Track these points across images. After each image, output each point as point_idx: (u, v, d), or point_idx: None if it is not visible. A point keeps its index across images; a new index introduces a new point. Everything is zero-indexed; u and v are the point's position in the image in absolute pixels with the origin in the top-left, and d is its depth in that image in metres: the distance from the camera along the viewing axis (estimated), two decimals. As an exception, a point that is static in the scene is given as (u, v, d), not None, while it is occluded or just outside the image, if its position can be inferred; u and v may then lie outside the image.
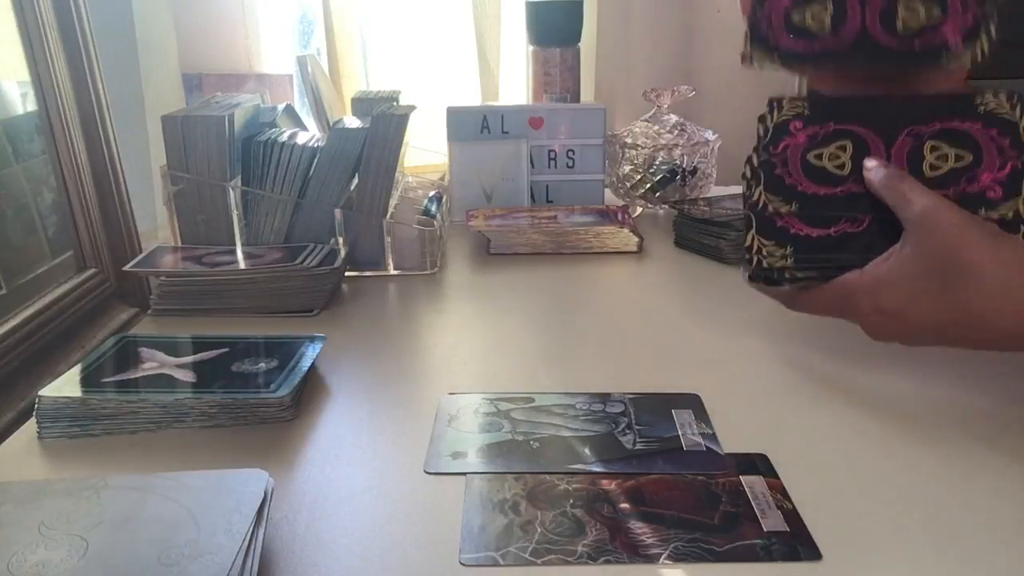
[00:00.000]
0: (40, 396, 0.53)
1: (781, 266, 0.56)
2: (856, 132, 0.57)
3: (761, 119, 0.60)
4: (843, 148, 0.57)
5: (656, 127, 1.06)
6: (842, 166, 0.56)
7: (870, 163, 0.55)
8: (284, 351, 0.61)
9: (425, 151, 1.22)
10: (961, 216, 0.50)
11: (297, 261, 0.77)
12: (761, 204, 0.57)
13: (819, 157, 0.57)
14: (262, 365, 0.59)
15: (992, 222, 0.53)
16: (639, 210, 1.09)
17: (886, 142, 0.56)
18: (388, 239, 0.85)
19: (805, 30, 0.57)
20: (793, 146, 0.57)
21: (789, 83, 1.31)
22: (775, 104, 0.59)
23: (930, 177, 0.55)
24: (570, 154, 1.05)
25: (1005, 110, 0.56)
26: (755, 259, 0.57)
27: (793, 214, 0.56)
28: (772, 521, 0.44)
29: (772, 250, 0.56)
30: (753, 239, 0.57)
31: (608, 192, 1.08)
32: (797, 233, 0.56)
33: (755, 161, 0.58)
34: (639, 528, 0.43)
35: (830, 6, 0.57)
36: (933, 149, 0.56)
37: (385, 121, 0.83)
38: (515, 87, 1.40)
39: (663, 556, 0.41)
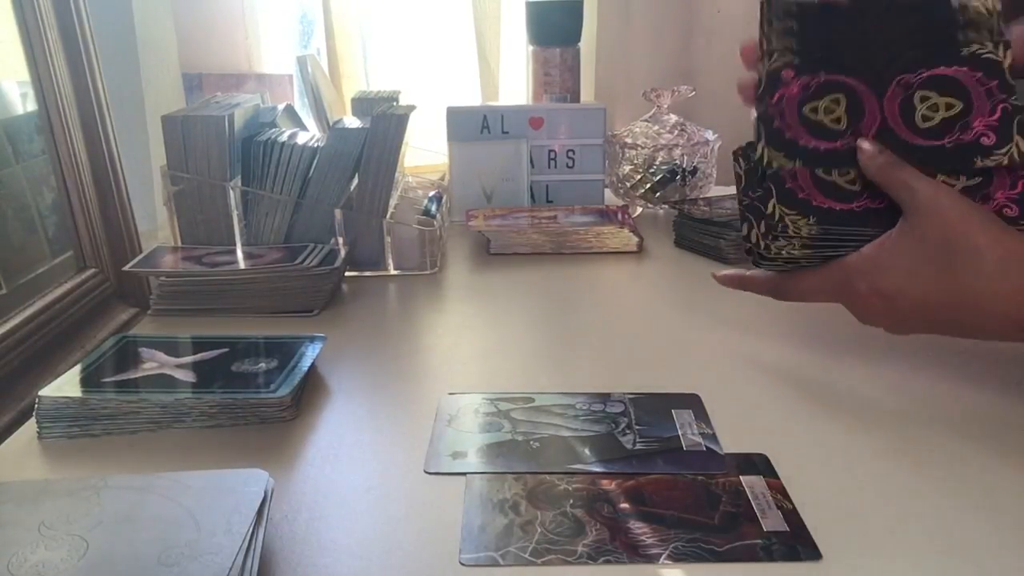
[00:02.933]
0: (40, 396, 0.53)
1: (802, 234, 0.55)
2: (847, 84, 0.56)
3: (736, 160, 0.60)
4: (836, 101, 0.56)
5: (656, 127, 1.06)
6: (838, 119, 0.56)
7: (865, 146, 0.55)
8: (284, 351, 0.61)
9: (425, 151, 1.22)
10: (964, 202, 0.51)
11: (297, 261, 0.77)
12: (766, 161, 0.56)
13: (815, 111, 0.56)
14: (262, 365, 0.59)
15: (989, 169, 0.53)
16: (639, 210, 1.09)
17: (877, 94, 0.56)
18: (388, 239, 0.85)
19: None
20: (788, 97, 0.56)
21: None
22: (764, 54, 0.58)
23: (923, 128, 0.55)
24: (570, 154, 1.05)
25: (988, 50, 0.55)
26: (764, 226, 0.56)
27: (799, 170, 0.56)
28: (772, 521, 0.44)
29: (795, 219, 0.56)
30: (775, 208, 0.56)
31: (608, 192, 1.08)
32: (820, 205, 0.56)
33: (749, 197, 0.58)
34: (639, 528, 0.43)
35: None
36: (923, 100, 0.55)
37: (385, 121, 0.83)
38: (515, 87, 1.40)
39: (663, 556, 0.41)
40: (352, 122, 0.90)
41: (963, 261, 0.49)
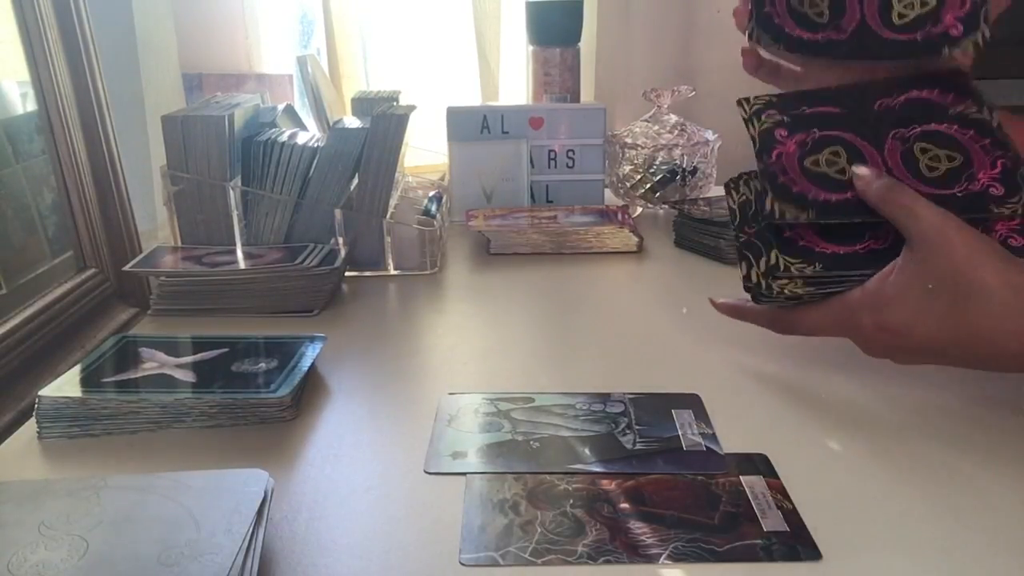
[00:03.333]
0: (40, 396, 0.53)
1: (803, 276, 0.55)
2: (844, 138, 0.56)
3: (729, 193, 0.61)
4: (836, 154, 0.56)
5: (656, 127, 1.06)
6: (843, 171, 0.55)
7: (861, 171, 0.54)
8: (284, 351, 0.61)
9: (425, 151, 1.22)
10: (971, 234, 0.49)
11: (297, 261, 0.77)
12: (778, 214, 0.54)
13: (816, 164, 0.56)
14: (262, 365, 0.59)
15: (1004, 216, 0.52)
16: (639, 210, 1.09)
17: (875, 146, 0.56)
18: (388, 239, 0.85)
19: (806, 17, 0.57)
20: (786, 154, 0.56)
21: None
22: (747, 107, 0.59)
23: (930, 178, 0.54)
24: (570, 154, 1.05)
25: (973, 111, 0.55)
26: (765, 267, 0.56)
27: (811, 223, 0.54)
28: (772, 521, 0.44)
29: (801, 267, 0.54)
30: (777, 258, 0.55)
31: (608, 192, 1.08)
32: (823, 251, 0.54)
33: (746, 234, 0.58)
34: (639, 528, 0.43)
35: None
36: (924, 151, 0.55)
37: (385, 121, 0.83)
38: (515, 87, 1.40)
39: (663, 556, 0.41)
40: (352, 122, 0.90)
41: (972, 299, 0.48)
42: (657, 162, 1.04)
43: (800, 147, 0.56)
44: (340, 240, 0.84)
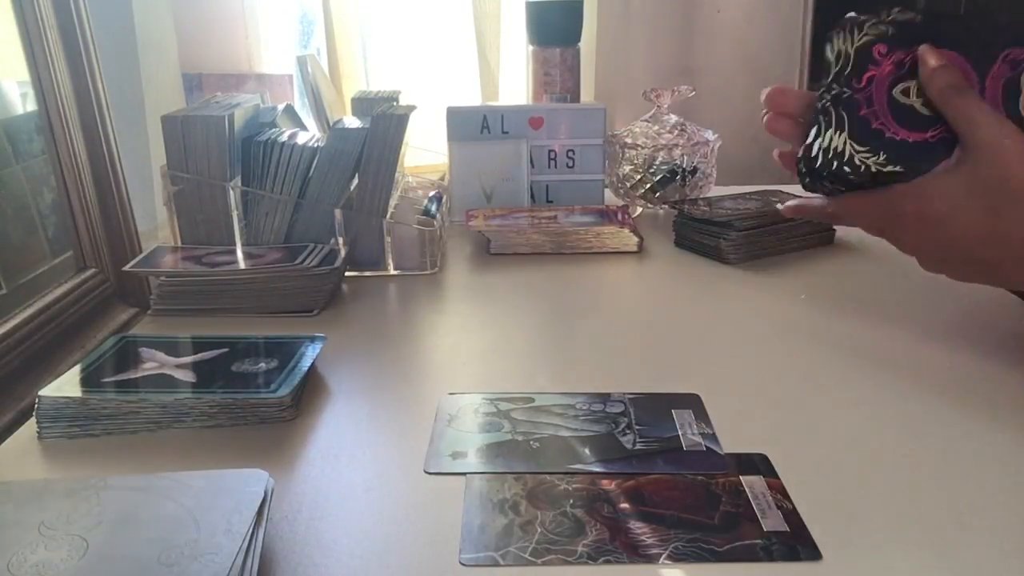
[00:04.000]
0: (40, 396, 0.53)
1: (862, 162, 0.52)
2: (947, 57, 0.51)
3: (830, 40, 0.54)
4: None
5: (656, 127, 1.06)
6: (930, 104, 0.52)
7: (931, 60, 0.52)
8: (284, 351, 0.61)
9: (425, 151, 1.22)
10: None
11: (297, 261, 0.77)
12: (846, 156, 0.52)
13: (906, 93, 0.52)
14: (262, 365, 0.59)
15: None
16: (639, 210, 1.09)
17: (980, 71, 0.51)
18: (388, 239, 0.85)
19: (912, 112, 0.53)
20: (879, 78, 0.52)
21: (789, 83, 1.31)
22: (853, 25, 0.53)
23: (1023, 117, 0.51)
24: (570, 154, 1.05)
25: None
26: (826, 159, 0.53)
27: (881, 163, 0.52)
28: (772, 521, 0.44)
29: (865, 157, 0.53)
30: (846, 143, 0.52)
31: (608, 192, 1.08)
32: (893, 137, 0.52)
33: (829, 97, 0.53)
34: (639, 528, 0.43)
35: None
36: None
37: (385, 121, 0.83)
38: (515, 87, 1.40)
39: (663, 556, 0.41)
40: (352, 122, 0.90)
41: (1012, 204, 0.49)
42: (657, 162, 1.04)
43: (897, 68, 0.52)
44: (340, 240, 0.84)
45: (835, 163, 0.54)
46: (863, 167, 0.53)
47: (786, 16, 1.33)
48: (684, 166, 1.03)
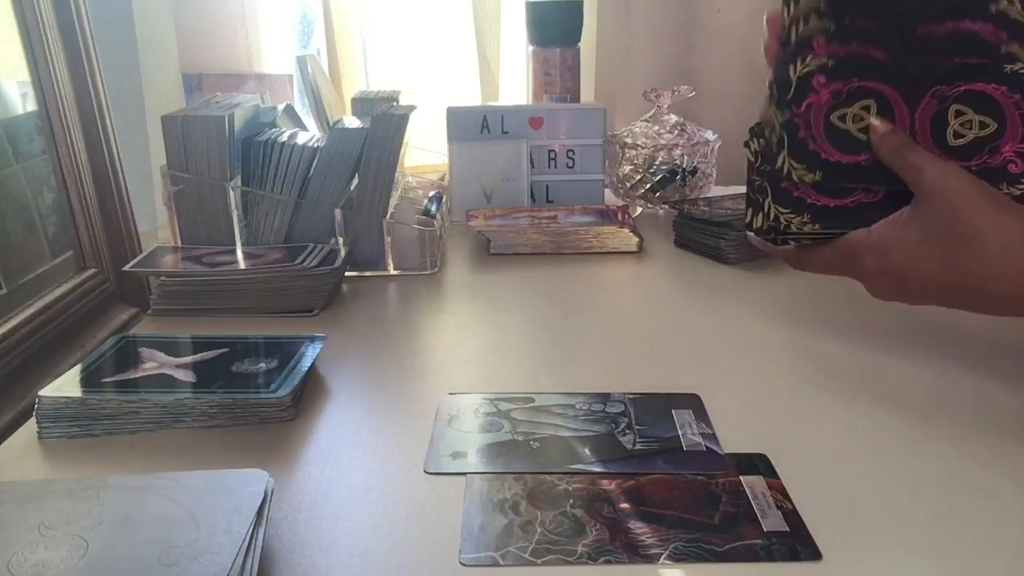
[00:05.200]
0: (40, 396, 0.53)
1: (796, 229, 0.57)
2: (880, 91, 0.54)
3: (784, 66, 0.56)
4: (867, 108, 0.55)
5: (656, 127, 1.06)
6: (866, 129, 0.55)
7: (879, 125, 0.54)
8: (284, 351, 0.61)
9: (425, 151, 1.22)
10: (970, 182, 0.51)
11: (297, 261, 0.77)
12: (785, 171, 0.55)
13: (843, 119, 0.55)
14: (262, 365, 0.59)
15: (1013, 197, 0.52)
16: (639, 210, 1.09)
17: (910, 104, 0.54)
18: (388, 239, 0.85)
19: (846, 135, 0.55)
20: (816, 105, 0.55)
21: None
22: (799, 55, 0.55)
23: (953, 146, 0.53)
24: (570, 154, 1.05)
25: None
26: (764, 219, 0.57)
27: (815, 183, 0.55)
28: (772, 521, 0.44)
29: (789, 218, 0.56)
30: (770, 207, 0.57)
31: (608, 192, 1.08)
32: (814, 203, 0.56)
33: (777, 120, 0.56)
34: (639, 528, 0.43)
35: (874, 107, 0.55)
36: (958, 114, 0.53)
37: (385, 121, 0.83)
38: (515, 87, 1.40)
39: (663, 556, 0.41)
40: (352, 122, 0.90)
41: (965, 242, 0.49)
42: (657, 162, 1.04)
43: (834, 97, 0.55)
44: (340, 240, 0.84)
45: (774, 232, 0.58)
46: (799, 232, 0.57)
47: (786, 16, 1.33)
48: (684, 166, 1.03)
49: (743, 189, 0.60)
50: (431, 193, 1.00)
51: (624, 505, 0.45)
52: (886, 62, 0.55)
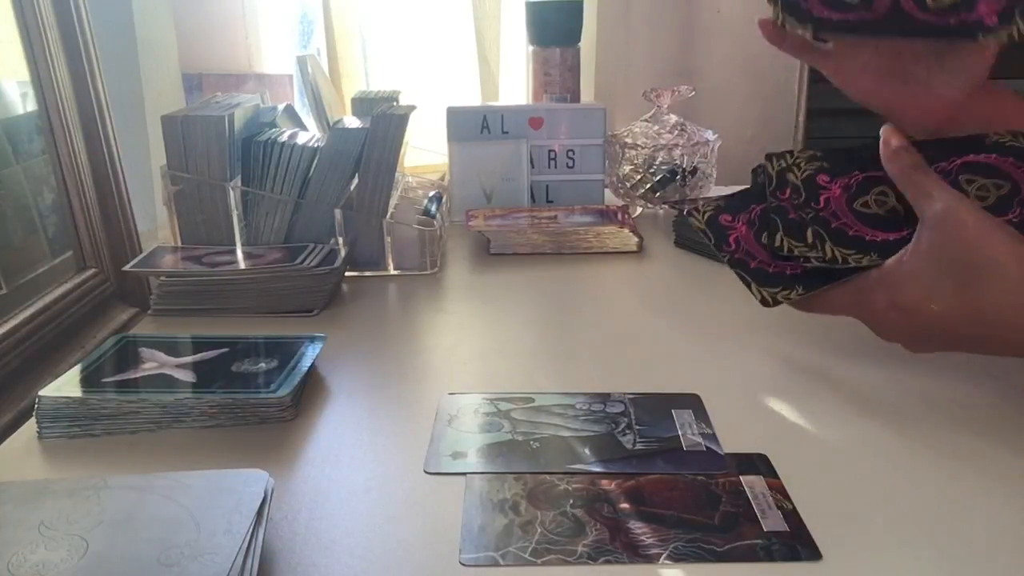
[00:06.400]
0: (40, 396, 0.53)
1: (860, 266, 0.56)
2: (886, 179, 0.56)
3: (764, 176, 0.60)
4: (884, 193, 0.57)
5: (656, 127, 1.06)
6: (894, 210, 0.56)
7: (893, 140, 0.54)
8: (284, 351, 0.61)
9: (425, 151, 1.22)
10: (982, 215, 0.50)
11: (297, 261, 0.77)
12: (840, 260, 0.56)
13: (866, 205, 0.57)
14: (262, 365, 0.59)
15: None
16: (639, 210, 1.09)
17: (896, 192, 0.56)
18: (388, 239, 0.85)
19: (877, 218, 0.57)
20: (834, 199, 0.57)
21: (789, 83, 1.31)
22: (784, 159, 0.59)
23: (985, 207, 0.54)
24: (570, 154, 1.05)
25: (1008, 139, 0.56)
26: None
27: (873, 263, 0.55)
28: (772, 521, 0.44)
29: (858, 258, 0.56)
30: (833, 251, 0.56)
31: (608, 192, 1.08)
32: (873, 240, 0.56)
33: (802, 220, 0.57)
34: (639, 528, 0.43)
35: (891, 193, 0.56)
36: (969, 182, 0.55)
37: (385, 121, 0.83)
38: (515, 87, 1.40)
39: (663, 556, 0.41)
40: (352, 122, 0.90)
41: (982, 276, 0.48)
42: (657, 162, 1.03)
43: (845, 191, 0.57)
44: (340, 240, 0.84)
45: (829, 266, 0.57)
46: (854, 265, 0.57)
47: (786, 16, 1.33)
48: (684, 166, 1.03)
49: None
50: (431, 193, 1.00)
51: (624, 505, 0.45)
52: (870, 154, 0.57)
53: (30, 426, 0.54)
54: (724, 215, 0.59)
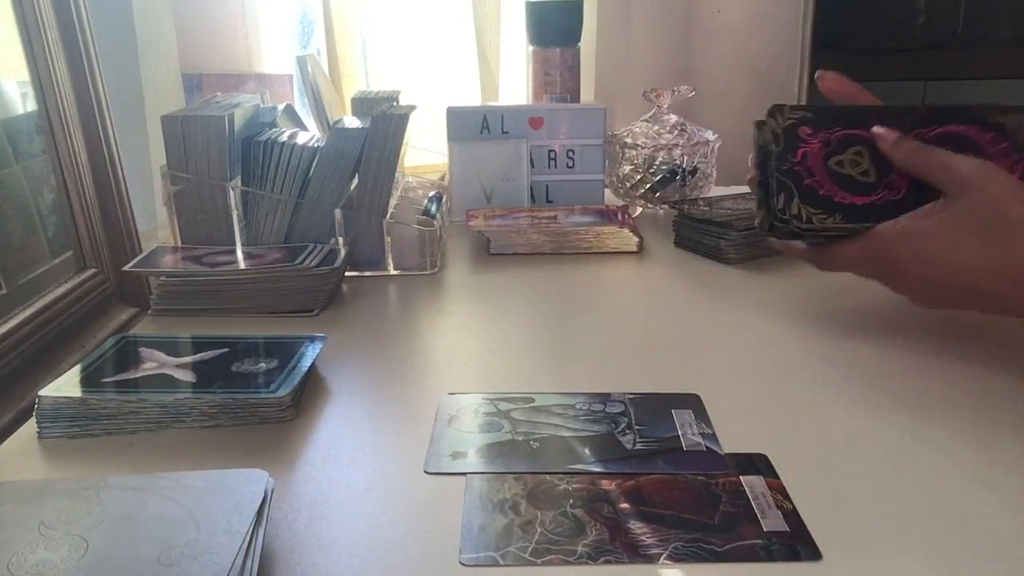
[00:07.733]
0: (40, 396, 0.53)
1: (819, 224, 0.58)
2: (865, 138, 0.57)
3: (760, 125, 0.61)
4: (859, 154, 0.57)
5: (656, 127, 1.06)
6: (866, 172, 0.57)
7: (884, 133, 0.55)
8: (284, 351, 0.61)
9: (425, 151, 1.22)
10: (1006, 175, 0.52)
11: (297, 261, 0.77)
12: (804, 217, 0.58)
13: (840, 164, 0.58)
14: (262, 365, 0.59)
15: None
16: (639, 210, 1.09)
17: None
18: (388, 239, 0.85)
19: (849, 179, 0.58)
20: (811, 153, 0.58)
21: (789, 83, 1.31)
22: (777, 111, 0.60)
23: None
24: (570, 154, 1.05)
25: (995, 115, 0.57)
26: (782, 218, 0.59)
27: (838, 224, 0.57)
28: (772, 521, 0.44)
29: (822, 218, 0.58)
30: (800, 208, 0.58)
31: (608, 192, 1.08)
32: (842, 201, 0.58)
33: (775, 173, 0.58)
34: (639, 528, 0.43)
35: (866, 152, 0.58)
36: None
37: (385, 121, 0.83)
38: (515, 87, 1.40)
39: (663, 556, 0.41)
40: (352, 122, 0.90)
41: (1007, 231, 0.50)
42: (657, 162, 1.04)
43: (825, 145, 0.58)
44: (340, 240, 0.84)
45: (796, 223, 0.59)
46: (821, 227, 0.59)
47: (787, 16, 1.33)
48: (684, 166, 1.03)
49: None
50: (431, 193, 1.00)
51: (624, 505, 0.45)
52: (864, 113, 0.58)
53: (30, 426, 0.54)
54: (805, 127, 0.59)
